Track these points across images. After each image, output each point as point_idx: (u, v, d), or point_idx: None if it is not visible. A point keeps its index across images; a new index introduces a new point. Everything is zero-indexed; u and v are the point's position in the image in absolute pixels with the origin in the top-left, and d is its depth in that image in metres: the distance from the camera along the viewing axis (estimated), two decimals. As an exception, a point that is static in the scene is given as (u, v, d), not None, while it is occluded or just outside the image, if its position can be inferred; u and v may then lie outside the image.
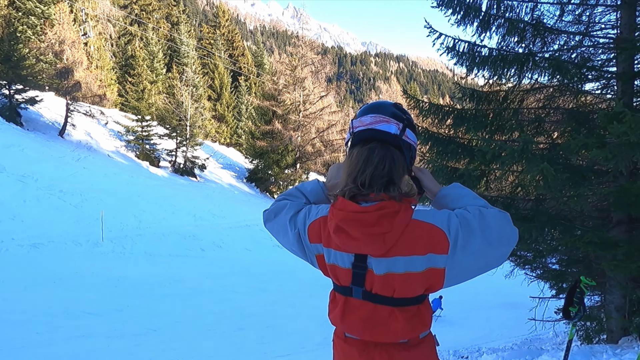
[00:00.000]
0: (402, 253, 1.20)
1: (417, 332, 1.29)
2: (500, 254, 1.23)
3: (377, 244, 1.21)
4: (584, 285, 2.50)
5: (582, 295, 2.50)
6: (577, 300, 2.51)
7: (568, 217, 4.61)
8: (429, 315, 1.34)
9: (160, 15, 41.17)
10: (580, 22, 5.20)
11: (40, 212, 15.16)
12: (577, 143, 3.35)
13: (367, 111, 1.34)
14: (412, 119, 1.34)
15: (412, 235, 1.20)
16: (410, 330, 1.27)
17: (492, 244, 1.19)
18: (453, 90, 5.80)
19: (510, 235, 1.22)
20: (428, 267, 1.23)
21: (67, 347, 7.56)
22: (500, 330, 11.25)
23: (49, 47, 23.94)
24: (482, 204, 1.28)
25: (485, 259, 1.22)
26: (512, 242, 1.22)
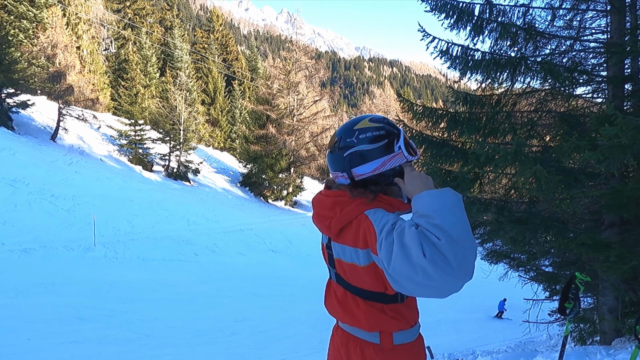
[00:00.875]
0: (348, 242, 1.35)
1: (380, 328, 1.37)
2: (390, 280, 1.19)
3: (325, 226, 1.41)
4: (579, 281, 2.53)
5: (577, 291, 2.53)
6: (572, 297, 2.54)
7: (561, 219, 4.65)
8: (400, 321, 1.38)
9: (153, 19, 41.11)
10: (571, 27, 5.27)
11: (31, 217, 15.00)
12: (570, 145, 3.38)
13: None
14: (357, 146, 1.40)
15: (358, 229, 1.31)
16: (372, 323, 1.37)
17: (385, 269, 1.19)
18: (446, 94, 5.85)
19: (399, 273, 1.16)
20: (370, 262, 1.31)
21: (59, 354, 7.46)
22: (494, 334, 11.29)
23: (41, 50, 23.78)
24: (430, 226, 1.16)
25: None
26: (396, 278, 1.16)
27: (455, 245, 1.10)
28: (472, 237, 1.17)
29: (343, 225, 1.36)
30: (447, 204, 1.18)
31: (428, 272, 1.09)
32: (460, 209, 1.19)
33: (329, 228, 1.39)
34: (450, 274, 1.10)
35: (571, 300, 2.54)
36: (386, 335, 1.39)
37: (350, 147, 1.40)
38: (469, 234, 1.15)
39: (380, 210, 1.32)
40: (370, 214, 1.30)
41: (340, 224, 1.36)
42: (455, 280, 1.11)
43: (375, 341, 1.39)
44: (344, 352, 1.44)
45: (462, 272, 1.11)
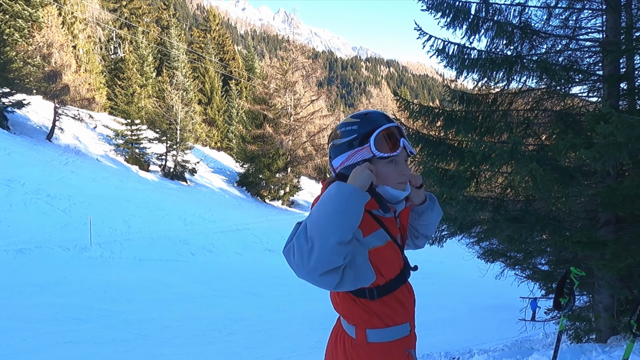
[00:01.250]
0: None
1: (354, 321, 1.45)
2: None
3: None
4: (574, 275, 2.55)
5: (572, 286, 2.54)
6: (567, 291, 2.55)
7: (557, 217, 4.66)
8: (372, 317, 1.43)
9: (150, 19, 40.96)
10: (567, 26, 5.28)
11: (27, 217, 14.92)
12: (565, 144, 3.39)
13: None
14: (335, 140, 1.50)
15: None
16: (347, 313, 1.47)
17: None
18: (443, 94, 5.85)
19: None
20: None
21: (54, 354, 7.42)
22: (491, 332, 11.31)
23: (36, 50, 23.65)
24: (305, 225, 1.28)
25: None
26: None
27: (304, 244, 1.21)
28: (326, 236, 1.21)
29: None
30: (321, 202, 1.28)
31: (287, 258, 1.25)
32: (328, 205, 1.25)
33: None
34: (296, 267, 1.23)
35: (566, 295, 2.56)
36: (361, 330, 1.44)
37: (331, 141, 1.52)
38: (322, 233, 1.20)
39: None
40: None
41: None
42: (301, 273, 1.23)
43: (352, 334, 1.46)
44: (333, 342, 1.55)
45: (307, 268, 1.21)
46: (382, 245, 1.41)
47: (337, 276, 1.25)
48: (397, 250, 1.50)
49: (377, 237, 1.41)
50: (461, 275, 18.31)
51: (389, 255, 1.44)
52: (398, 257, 1.51)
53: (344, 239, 1.21)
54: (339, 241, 1.20)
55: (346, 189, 1.26)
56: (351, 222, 1.23)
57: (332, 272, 1.23)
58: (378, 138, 1.40)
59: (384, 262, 1.42)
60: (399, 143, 1.42)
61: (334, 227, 1.21)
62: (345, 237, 1.22)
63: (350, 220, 1.23)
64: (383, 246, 1.42)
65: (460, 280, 18.07)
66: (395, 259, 1.49)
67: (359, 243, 1.35)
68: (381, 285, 1.42)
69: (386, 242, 1.43)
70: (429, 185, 5.23)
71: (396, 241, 1.50)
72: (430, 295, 15.37)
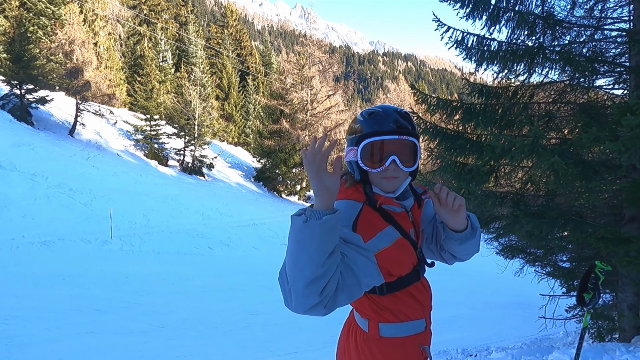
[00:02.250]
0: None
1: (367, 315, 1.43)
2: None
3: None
4: (599, 270, 2.39)
5: (597, 281, 2.39)
6: (592, 286, 2.41)
7: (579, 213, 4.52)
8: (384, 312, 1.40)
9: (168, 15, 41.41)
10: (592, 16, 5.10)
11: (50, 210, 15.32)
12: (589, 137, 3.27)
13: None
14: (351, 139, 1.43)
15: None
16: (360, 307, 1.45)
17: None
18: (461, 87, 5.73)
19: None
20: None
21: (76, 343, 7.62)
22: (510, 330, 11.13)
23: (59, 47, 24.17)
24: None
25: None
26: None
27: (284, 283, 1.18)
28: (293, 279, 1.14)
29: None
30: (290, 239, 1.20)
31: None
32: (289, 244, 1.18)
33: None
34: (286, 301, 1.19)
35: (590, 290, 2.42)
36: (373, 324, 1.41)
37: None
38: (290, 275, 1.14)
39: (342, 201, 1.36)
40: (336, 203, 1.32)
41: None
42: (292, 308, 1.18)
43: (364, 328, 1.44)
44: (345, 336, 1.53)
45: (291, 307, 1.18)
46: (389, 245, 1.33)
47: (321, 310, 1.17)
48: (408, 247, 1.42)
49: (382, 238, 1.33)
50: (480, 272, 18.03)
51: (399, 254, 1.37)
52: (410, 254, 1.43)
53: (311, 277, 1.10)
54: (307, 282, 1.11)
55: (295, 226, 1.15)
56: (316, 258, 1.10)
57: (312, 310, 1.16)
58: (365, 148, 1.33)
59: (393, 262, 1.35)
60: (385, 161, 1.32)
61: (298, 269, 1.12)
62: (313, 275, 1.10)
63: (313, 256, 1.10)
64: (390, 246, 1.34)
65: (479, 277, 17.81)
66: (407, 256, 1.41)
67: (359, 250, 1.26)
68: (392, 282, 1.37)
69: (395, 240, 1.36)
70: (446, 180, 5.14)
71: (409, 237, 1.42)
72: (449, 291, 15.21)
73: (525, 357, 4.11)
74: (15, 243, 12.83)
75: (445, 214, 1.42)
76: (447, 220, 1.45)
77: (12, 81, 21.81)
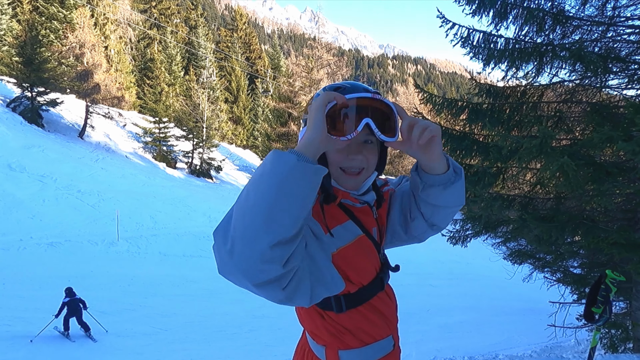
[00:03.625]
0: None
1: (323, 340, 1.17)
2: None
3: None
4: (611, 280, 2.10)
5: (607, 293, 2.10)
6: (602, 300, 2.11)
7: (591, 217, 4.34)
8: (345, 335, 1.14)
9: (179, 19, 41.76)
10: (604, 15, 4.93)
11: (58, 212, 15.41)
12: (601, 136, 3.12)
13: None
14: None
15: None
16: (313, 329, 1.19)
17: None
18: (469, 87, 5.58)
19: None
20: None
21: (79, 344, 7.60)
22: (519, 337, 10.89)
23: (70, 50, 24.47)
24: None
25: None
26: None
27: (221, 243, 0.90)
28: (253, 235, 0.86)
29: None
30: (250, 182, 0.93)
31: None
32: (259, 187, 0.89)
33: None
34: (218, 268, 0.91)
35: (600, 305, 2.11)
36: (332, 352, 1.16)
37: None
38: (246, 231, 0.86)
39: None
40: None
41: None
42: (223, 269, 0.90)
43: (321, 358, 1.18)
44: (298, 358, 1.29)
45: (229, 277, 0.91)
46: (349, 242, 1.12)
47: (278, 290, 0.90)
48: (371, 247, 1.19)
49: (342, 234, 1.11)
50: (489, 277, 17.76)
51: (360, 255, 1.14)
52: (373, 256, 1.20)
53: (283, 236, 0.85)
54: (274, 242, 0.84)
55: (287, 160, 0.87)
56: (295, 212, 0.86)
57: (268, 285, 0.88)
58: (330, 113, 1.01)
59: (353, 266, 1.12)
60: (355, 126, 1.02)
61: (268, 220, 0.84)
62: (286, 234, 0.85)
63: (293, 209, 0.85)
64: (351, 244, 1.12)
65: (488, 282, 17.53)
66: (369, 259, 1.18)
67: (317, 242, 1.04)
68: (352, 293, 1.13)
69: (356, 237, 1.14)
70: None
71: (371, 236, 1.19)
72: (456, 296, 14.98)
73: (533, 367, 3.94)
74: (22, 244, 12.90)
75: (417, 151, 1.10)
76: (421, 159, 1.15)
77: (23, 84, 22.11)
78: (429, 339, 9.45)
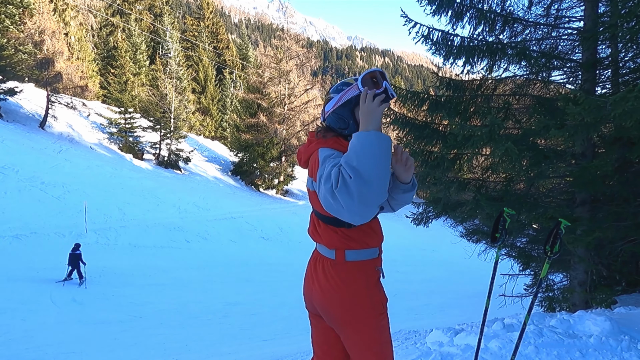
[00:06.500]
0: (309, 174, 1.70)
1: (334, 246, 1.70)
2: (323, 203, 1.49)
3: (299, 160, 1.82)
4: (507, 214, 2.97)
5: (504, 223, 2.97)
6: (501, 228, 2.99)
7: (535, 197, 4.89)
8: (351, 241, 1.69)
9: (143, 6, 40.52)
10: (549, 14, 5.47)
11: (21, 204, 15.01)
12: (540, 125, 3.60)
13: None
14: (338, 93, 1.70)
15: (312, 160, 1.67)
16: (329, 241, 1.73)
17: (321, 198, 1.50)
18: (431, 80, 6.03)
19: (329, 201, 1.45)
20: (314, 189, 1.65)
21: (53, 333, 7.64)
22: (478, 316, 11.63)
23: (28, 37, 23.44)
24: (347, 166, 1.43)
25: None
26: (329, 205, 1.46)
27: (362, 183, 1.38)
28: (380, 179, 1.41)
29: (307, 159, 1.73)
30: (365, 146, 1.43)
31: (337, 199, 1.41)
32: (376, 152, 1.42)
33: (300, 160, 1.80)
34: (352, 205, 1.40)
35: (500, 230, 3.00)
36: (340, 252, 1.70)
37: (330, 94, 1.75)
38: (378, 175, 1.40)
39: (329, 148, 1.64)
40: (321, 150, 1.63)
41: (304, 157, 1.75)
42: (357, 211, 1.41)
43: (332, 257, 1.72)
44: (313, 267, 1.79)
45: (363, 206, 1.41)
46: None
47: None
48: None
49: None
50: (452, 263, 18.67)
51: None
52: None
53: (386, 187, 1.45)
54: (384, 192, 1.43)
55: (386, 138, 1.45)
56: (387, 172, 1.46)
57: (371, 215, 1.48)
58: (364, 79, 1.59)
59: None
60: (382, 84, 1.59)
61: (383, 178, 1.41)
62: (387, 186, 1.46)
63: (387, 169, 1.45)
64: None
65: (452, 268, 18.43)
66: None
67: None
68: None
69: None
70: (415, 168, 5.42)
71: None
72: (423, 281, 15.72)
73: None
74: (-15, 237, 12.56)
75: (399, 168, 1.77)
76: (399, 174, 1.78)
77: (-22, 72, 21.09)
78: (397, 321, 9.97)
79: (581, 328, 3.43)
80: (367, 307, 1.69)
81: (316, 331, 1.91)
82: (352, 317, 1.68)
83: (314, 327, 1.93)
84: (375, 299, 1.71)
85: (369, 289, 1.71)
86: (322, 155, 1.59)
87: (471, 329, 4.11)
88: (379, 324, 1.71)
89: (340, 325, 1.72)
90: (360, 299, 1.68)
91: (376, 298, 1.72)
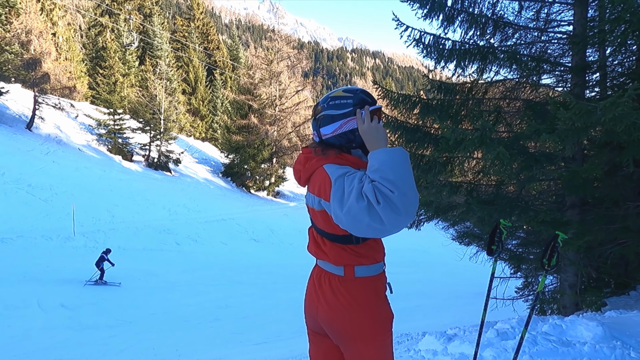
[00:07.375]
0: (313, 191, 1.64)
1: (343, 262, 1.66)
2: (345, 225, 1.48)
3: (297, 177, 1.76)
4: (503, 226, 2.98)
5: (501, 235, 2.97)
6: (497, 240, 2.99)
7: (526, 201, 4.93)
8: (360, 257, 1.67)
9: (132, 6, 40.16)
10: (539, 18, 5.52)
11: (7, 207, 14.76)
12: (531, 129, 3.62)
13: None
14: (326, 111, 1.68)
15: (316, 179, 1.62)
16: (337, 258, 1.67)
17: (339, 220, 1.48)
18: (423, 83, 6.05)
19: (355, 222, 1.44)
20: (321, 208, 1.60)
21: (41, 339, 7.51)
22: (469, 318, 11.68)
23: (14, 37, 23.09)
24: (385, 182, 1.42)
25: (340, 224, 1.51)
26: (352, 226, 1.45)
27: (404, 196, 1.39)
28: (416, 189, 1.45)
29: (308, 176, 1.68)
30: (397, 161, 1.45)
31: (381, 217, 1.38)
32: (408, 165, 1.46)
33: (299, 179, 1.74)
34: (399, 220, 1.40)
35: (497, 243, 3.00)
36: (349, 268, 1.67)
37: (322, 111, 1.70)
38: (414, 187, 1.44)
39: (338, 165, 1.59)
40: (327, 167, 1.58)
41: (305, 175, 1.69)
42: (402, 224, 1.42)
43: (340, 273, 1.68)
44: (317, 284, 1.75)
45: (409, 217, 1.42)
46: None
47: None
48: None
49: None
50: (444, 264, 18.74)
51: None
52: None
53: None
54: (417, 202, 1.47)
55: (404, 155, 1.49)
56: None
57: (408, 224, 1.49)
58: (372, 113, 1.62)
59: None
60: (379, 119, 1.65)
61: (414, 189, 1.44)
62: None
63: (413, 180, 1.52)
64: None
65: (443, 269, 18.50)
66: None
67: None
68: None
69: None
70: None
71: None
72: (414, 282, 15.75)
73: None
74: (-30, 240, 12.33)
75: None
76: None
77: (-37, 72, 20.72)
78: (388, 322, 10.00)
79: (574, 334, 3.45)
80: (378, 323, 1.68)
81: (316, 349, 1.88)
82: (362, 333, 1.67)
83: (313, 344, 1.89)
84: (384, 316, 1.70)
85: (379, 305, 1.70)
86: (333, 173, 1.55)
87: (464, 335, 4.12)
88: (386, 341, 1.70)
89: (348, 342, 1.69)
90: (371, 315, 1.67)
91: (385, 314, 1.71)
